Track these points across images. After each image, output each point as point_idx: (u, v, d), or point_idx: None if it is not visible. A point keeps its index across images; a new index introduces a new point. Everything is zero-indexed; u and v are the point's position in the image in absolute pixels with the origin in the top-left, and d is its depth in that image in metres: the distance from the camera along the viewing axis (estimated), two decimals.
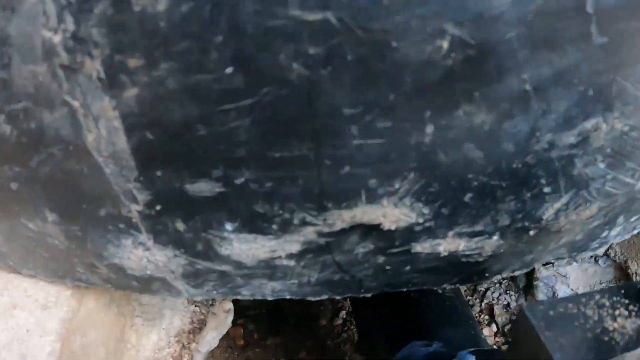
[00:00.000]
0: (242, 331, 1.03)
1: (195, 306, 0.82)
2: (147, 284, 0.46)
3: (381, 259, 0.39)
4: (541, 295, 1.05)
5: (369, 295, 0.45)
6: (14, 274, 0.54)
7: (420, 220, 0.35)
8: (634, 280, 0.92)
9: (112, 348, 0.61)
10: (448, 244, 0.38)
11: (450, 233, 0.37)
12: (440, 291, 0.76)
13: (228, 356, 0.97)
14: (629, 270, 0.94)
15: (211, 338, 0.86)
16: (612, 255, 0.98)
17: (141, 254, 0.41)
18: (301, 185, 0.33)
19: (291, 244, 0.37)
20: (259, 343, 1.04)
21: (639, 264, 0.93)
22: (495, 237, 0.40)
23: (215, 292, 0.46)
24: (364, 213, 0.34)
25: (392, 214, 0.34)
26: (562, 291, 1.03)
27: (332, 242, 0.37)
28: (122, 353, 0.64)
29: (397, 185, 0.32)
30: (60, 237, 0.43)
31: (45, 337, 0.49)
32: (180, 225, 0.37)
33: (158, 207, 0.36)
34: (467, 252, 0.41)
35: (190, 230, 0.37)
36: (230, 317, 0.90)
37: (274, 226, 0.36)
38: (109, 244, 0.41)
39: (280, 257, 0.39)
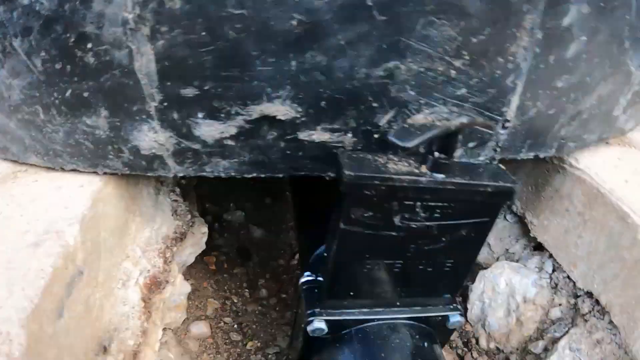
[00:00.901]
0: (214, 260, 1.38)
1: (179, 221, 1.16)
2: (151, 163, 0.82)
3: (282, 144, 0.76)
4: None
5: (281, 175, 0.80)
6: (60, 172, 0.88)
7: (298, 116, 0.72)
8: (530, 228, 1.08)
9: (119, 226, 0.94)
10: (318, 135, 0.74)
11: (318, 127, 0.73)
12: None
13: (202, 276, 1.31)
14: (526, 220, 1.11)
15: (189, 253, 1.21)
16: (514, 210, 1.16)
17: (151, 136, 0.77)
18: (235, 91, 0.70)
19: (231, 127, 0.74)
20: (227, 271, 1.39)
21: (532, 214, 1.09)
22: (349, 135, 0.76)
23: (190, 169, 0.81)
24: (267, 108, 0.71)
25: (281, 110, 0.71)
26: None
27: (253, 128, 0.74)
28: (124, 235, 0.94)
29: (280, 92, 0.69)
30: (105, 127, 0.79)
31: (82, 201, 0.83)
32: (175, 115, 0.73)
33: (165, 104, 0.72)
34: (333, 143, 0.77)
35: (180, 118, 0.74)
36: (204, 239, 1.25)
37: (222, 115, 0.72)
38: (134, 130, 0.77)
39: (226, 137, 0.75)
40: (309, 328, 0.77)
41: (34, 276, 0.64)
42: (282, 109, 0.71)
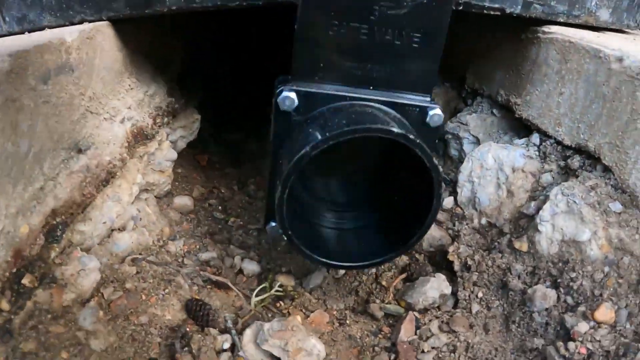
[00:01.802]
0: (207, 158, 1.48)
1: (172, 98, 1.26)
2: None
3: None
4: (452, 143, 1.30)
5: (261, 2, 0.89)
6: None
7: None
8: (514, 109, 1.11)
9: (115, 69, 1.00)
10: None
11: None
12: None
13: (193, 169, 1.41)
14: (510, 104, 1.13)
15: (179, 136, 1.31)
16: (500, 100, 1.19)
17: None
18: None
19: None
20: (219, 170, 1.48)
21: (516, 95, 1.11)
22: None
23: (182, 1, 0.92)
24: None
25: None
26: (466, 137, 1.25)
27: None
28: (118, 82, 1.02)
29: None
30: None
31: (82, 28, 0.92)
32: None
33: None
34: None
35: None
36: (196, 125, 1.35)
37: None
38: None
39: None
40: (279, 99, 0.79)
41: (34, 40, 0.76)
42: None
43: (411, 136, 0.76)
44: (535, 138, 1.08)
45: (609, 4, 1.05)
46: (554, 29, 1.03)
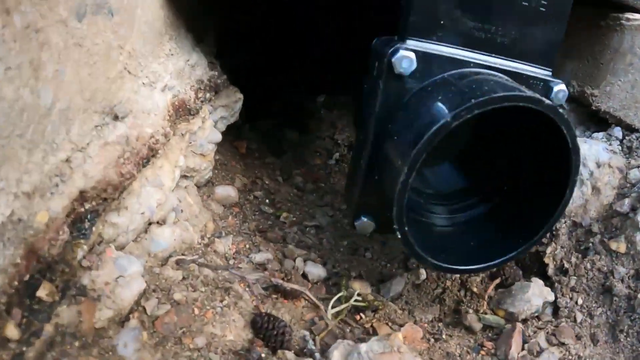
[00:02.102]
0: (245, 145, 1.27)
1: (215, 72, 1.06)
2: None
3: None
4: None
5: None
6: None
7: None
8: (591, 102, 1.05)
9: (156, 28, 0.82)
10: None
11: None
12: None
13: (231, 157, 1.20)
14: (584, 95, 1.08)
15: (220, 115, 1.10)
16: (572, 92, 1.10)
17: None
18: None
19: None
20: (259, 159, 1.27)
21: (592, 86, 1.06)
22: None
23: None
24: None
25: None
26: None
27: None
28: (159, 44, 0.84)
29: None
30: None
31: None
32: None
33: None
34: None
35: None
36: (239, 105, 1.14)
37: None
38: None
39: None
40: (394, 59, 0.65)
41: None
42: None
43: (560, 110, 0.66)
44: (618, 131, 1.01)
45: None
46: (638, 16, 0.97)
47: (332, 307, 0.79)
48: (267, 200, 1.10)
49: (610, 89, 1.01)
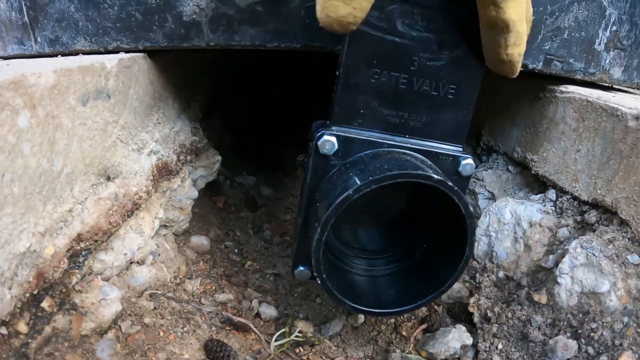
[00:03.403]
0: (223, 200, 1.47)
1: (196, 137, 1.28)
2: (188, 31, 0.96)
3: (302, 11, 0.89)
4: (468, 199, 1.31)
5: (299, 46, 0.92)
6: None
7: None
8: (531, 166, 1.15)
9: (145, 102, 1.02)
10: None
11: None
12: None
13: (209, 210, 1.41)
14: (526, 160, 1.18)
15: (199, 175, 1.32)
16: (516, 157, 1.23)
17: (196, 1, 0.92)
18: None
19: None
20: (234, 213, 1.47)
21: (532, 152, 1.15)
22: None
23: (222, 37, 0.95)
24: None
25: None
26: (481, 193, 1.29)
27: None
28: (147, 115, 1.04)
29: None
30: None
31: (120, 57, 0.93)
32: None
33: None
34: None
35: None
36: (217, 166, 1.36)
37: None
38: None
39: (257, 2, 0.89)
40: (319, 142, 0.81)
41: (78, 61, 0.77)
42: None
43: (449, 183, 0.80)
44: (552, 194, 1.10)
45: (622, 63, 1.10)
46: (571, 88, 1.07)
47: (276, 340, 0.96)
48: (236, 250, 1.29)
49: (547, 154, 1.12)
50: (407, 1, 0.78)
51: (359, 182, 0.76)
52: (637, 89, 1.31)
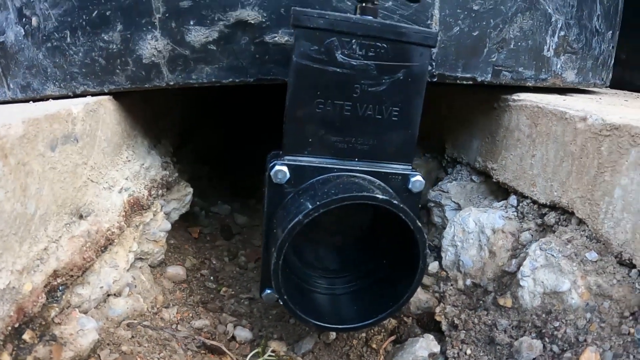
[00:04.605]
0: (198, 231, 1.55)
1: (167, 172, 1.36)
2: (149, 72, 1.05)
3: (252, 47, 0.99)
4: (435, 211, 1.40)
5: (252, 80, 1.02)
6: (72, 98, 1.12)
7: (264, 20, 0.96)
8: (492, 175, 1.21)
9: (114, 142, 1.12)
10: (280, 37, 0.98)
11: (280, 31, 0.97)
12: None
13: (184, 240, 1.48)
14: (487, 169, 1.25)
15: (172, 208, 1.39)
16: (477, 166, 1.30)
17: (153, 44, 1.01)
18: (218, 0, 0.95)
19: (214, 32, 0.98)
20: (209, 242, 1.55)
21: (492, 161, 1.22)
22: None
23: (180, 76, 1.04)
24: (240, 13, 0.95)
25: (251, 14, 0.95)
26: (448, 204, 1.35)
27: (230, 32, 0.98)
28: (117, 154, 1.13)
29: (251, 0, 0.94)
30: (118, 40, 1.03)
31: (87, 101, 1.01)
32: (173, 24, 0.98)
33: (167, 15, 0.97)
34: (290, 45, 0.98)
35: (177, 26, 0.98)
36: (189, 198, 1.43)
37: (207, 21, 0.97)
38: (140, 40, 1.01)
39: (209, 41, 0.99)
40: (272, 172, 0.88)
41: (44, 109, 0.85)
42: (251, 14, 0.95)
43: (395, 201, 0.86)
44: (513, 200, 1.17)
45: (574, 65, 1.18)
46: (522, 96, 1.14)
47: None
48: (212, 278, 1.36)
49: (505, 162, 1.18)
50: (344, 32, 0.86)
51: (309, 207, 0.83)
52: (595, 89, 1.36)
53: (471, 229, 1.17)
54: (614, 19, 1.28)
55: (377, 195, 0.85)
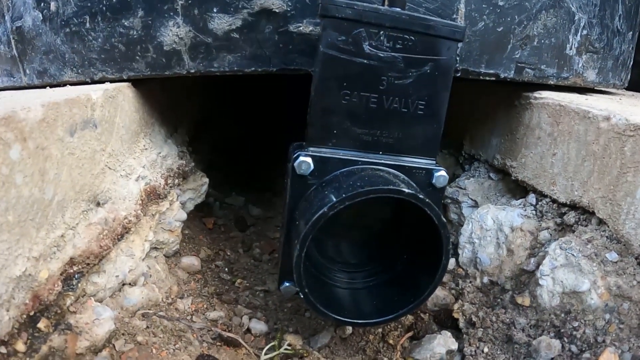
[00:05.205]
0: (212, 222, 1.53)
1: (183, 161, 1.34)
2: (169, 60, 1.03)
3: (276, 36, 0.97)
4: (452, 208, 1.38)
5: (275, 70, 1.00)
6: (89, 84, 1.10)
7: (289, 9, 0.93)
8: (511, 173, 1.20)
9: (132, 130, 1.10)
10: (305, 27, 0.95)
11: (304, 20, 0.95)
12: None
13: (199, 231, 1.46)
14: (506, 167, 1.23)
15: (188, 198, 1.38)
16: (496, 164, 1.28)
17: (174, 31, 0.99)
18: None
19: (237, 19, 0.95)
20: (224, 233, 1.53)
21: (511, 159, 1.20)
22: None
23: (201, 64, 1.02)
24: (265, 2, 0.93)
25: (276, 3, 0.93)
26: (465, 201, 1.34)
27: (254, 20, 0.95)
28: (134, 142, 1.11)
29: None
30: (139, 26, 1.01)
31: (105, 87, 1.00)
32: (196, 10, 0.96)
33: (190, 1, 0.95)
34: (316, 36, 0.96)
35: (199, 13, 0.96)
36: (205, 188, 1.42)
37: (231, 9, 0.95)
38: (161, 27, 1.00)
39: (232, 29, 0.97)
40: (295, 163, 0.87)
41: (64, 93, 0.84)
42: (277, 2, 0.93)
43: (420, 196, 0.84)
44: (532, 198, 1.16)
45: (595, 65, 1.16)
46: (544, 94, 1.12)
47: (265, 354, 1.02)
48: (226, 269, 1.35)
49: (525, 160, 1.17)
50: (372, 24, 0.84)
51: (333, 200, 0.81)
52: (613, 90, 1.35)
53: (489, 227, 1.16)
54: (635, 19, 1.25)
55: (403, 189, 0.83)
